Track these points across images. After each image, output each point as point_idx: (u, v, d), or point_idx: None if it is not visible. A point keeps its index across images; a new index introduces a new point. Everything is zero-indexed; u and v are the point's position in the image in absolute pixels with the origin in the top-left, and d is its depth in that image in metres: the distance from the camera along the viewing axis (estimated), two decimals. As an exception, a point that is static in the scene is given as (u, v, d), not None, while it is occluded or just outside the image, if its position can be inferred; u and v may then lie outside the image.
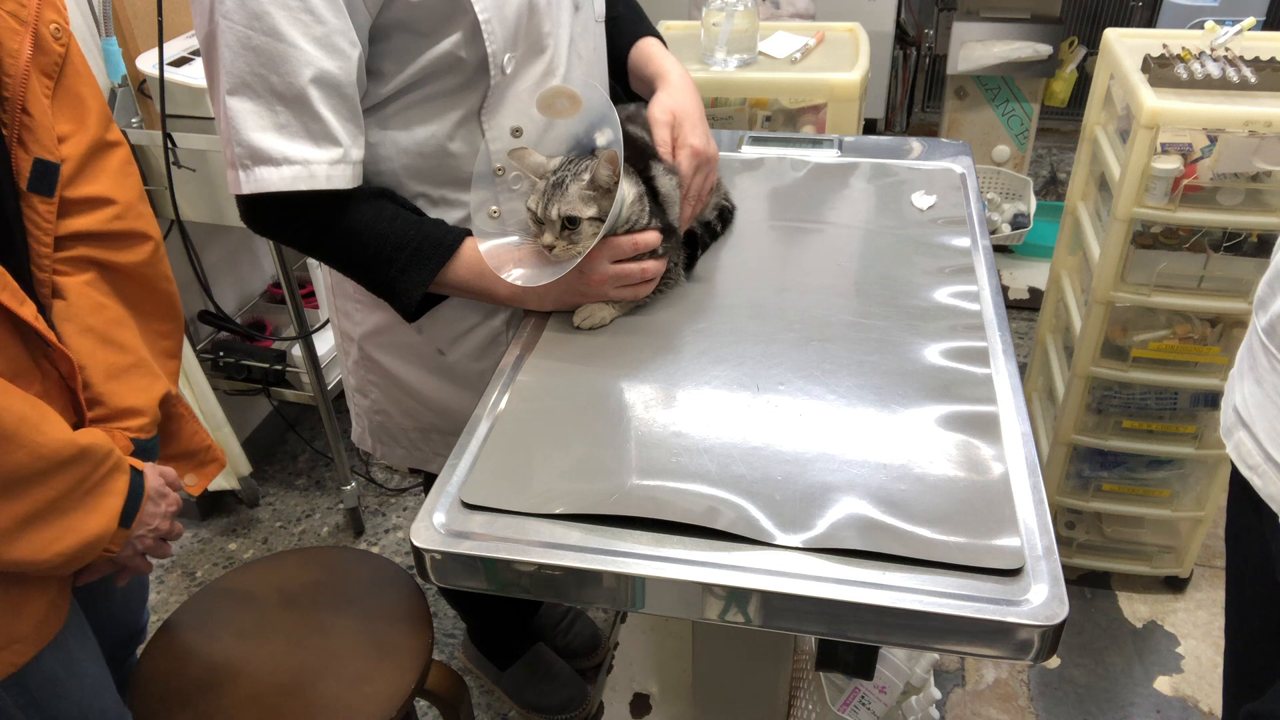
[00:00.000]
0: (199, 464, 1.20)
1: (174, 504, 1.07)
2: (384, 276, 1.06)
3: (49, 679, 1.04)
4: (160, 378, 1.10)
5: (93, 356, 1.02)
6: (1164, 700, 1.79)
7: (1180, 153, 1.53)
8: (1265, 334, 1.00)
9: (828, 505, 0.83)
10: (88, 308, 1.03)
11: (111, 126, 1.05)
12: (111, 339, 1.04)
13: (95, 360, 1.02)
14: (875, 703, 1.36)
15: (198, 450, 1.20)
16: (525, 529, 0.83)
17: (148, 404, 1.07)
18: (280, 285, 1.92)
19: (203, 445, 1.20)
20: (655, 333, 1.07)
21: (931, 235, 1.23)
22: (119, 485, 0.98)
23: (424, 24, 1.00)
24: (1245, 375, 1.04)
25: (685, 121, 1.16)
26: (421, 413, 1.26)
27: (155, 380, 1.09)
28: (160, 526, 1.04)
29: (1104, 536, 2.00)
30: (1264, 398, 1.00)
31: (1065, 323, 1.96)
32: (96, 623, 1.15)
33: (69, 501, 0.92)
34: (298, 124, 0.96)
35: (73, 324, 1.01)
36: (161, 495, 1.05)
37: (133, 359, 1.06)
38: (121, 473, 0.98)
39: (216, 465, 1.22)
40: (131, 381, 1.06)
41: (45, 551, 0.91)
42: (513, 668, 1.81)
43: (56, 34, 0.98)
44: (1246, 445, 1.02)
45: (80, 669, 1.08)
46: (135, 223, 1.07)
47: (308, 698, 1.13)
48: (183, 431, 1.18)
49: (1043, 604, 0.75)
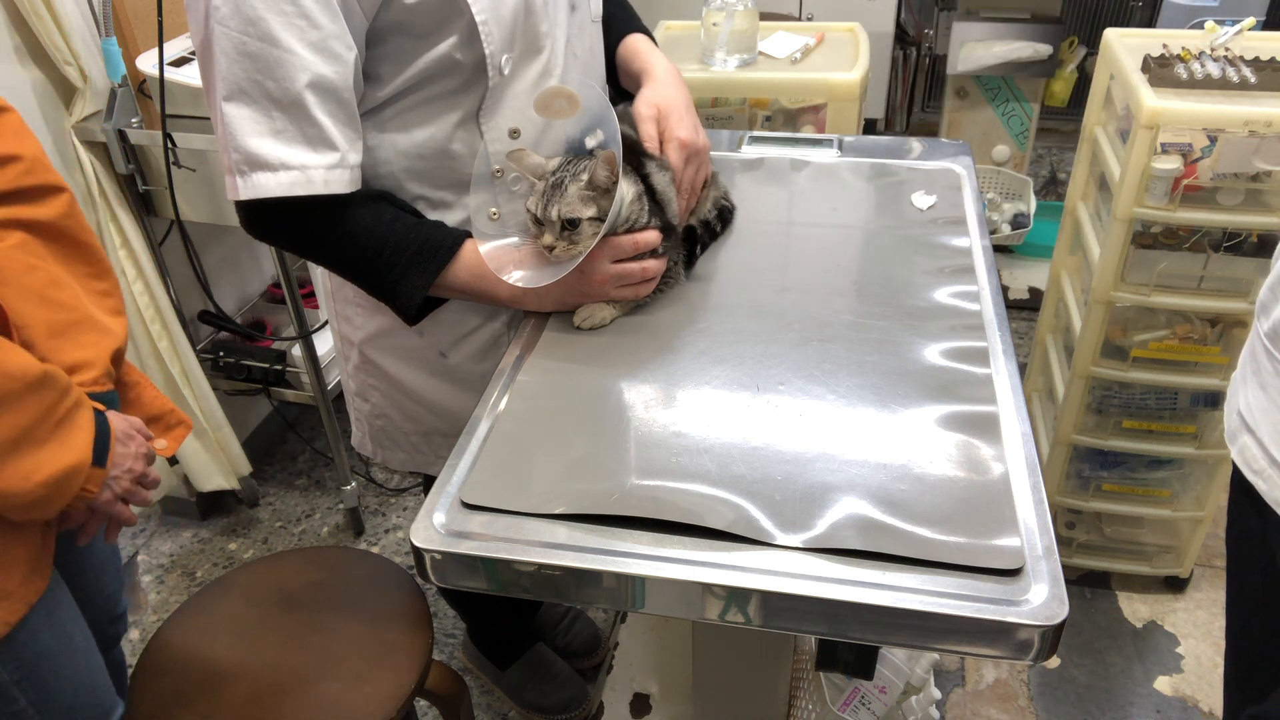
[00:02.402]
0: (166, 427, 1.21)
1: (144, 447, 1.08)
2: (384, 280, 1.06)
3: (42, 651, 1.05)
4: (110, 332, 1.11)
5: (33, 316, 1.03)
6: (1164, 700, 1.79)
7: (1180, 153, 1.53)
8: (1268, 339, 1.00)
9: (828, 505, 0.83)
10: (20, 269, 1.04)
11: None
12: (49, 298, 1.05)
13: (36, 319, 1.03)
14: (875, 703, 1.36)
15: (162, 414, 1.21)
16: (525, 529, 0.83)
17: (96, 357, 1.08)
18: (280, 285, 1.92)
19: (166, 408, 1.22)
20: (655, 333, 1.07)
21: (931, 235, 1.23)
22: (85, 419, 0.99)
23: (421, 26, 0.99)
24: (1249, 380, 1.04)
25: (671, 114, 1.15)
26: (423, 416, 1.26)
27: (104, 335, 1.09)
28: (134, 468, 1.06)
29: (1104, 536, 2.00)
30: (1268, 402, 0.99)
31: (1065, 323, 1.96)
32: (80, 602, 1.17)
33: (42, 431, 0.94)
34: (294, 129, 0.96)
35: (9, 287, 1.02)
36: (129, 437, 1.06)
37: (75, 316, 1.07)
38: (85, 408, 1.00)
39: (184, 428, 1.23)
40: (77, 338, 1.07)
41: (28, 481, 0.93)
42: (513, 668, 1.81)
43: None
44: (1251, 450, 1.02)
45: (72, 643, 1.09)
46: (45, 175, 1.08)
47: (308, 698, 1.13)
48: (143, 397, 1.19)
49: (1043, 604, 0.75)
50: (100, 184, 1.82)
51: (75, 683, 1.10)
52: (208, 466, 2.14)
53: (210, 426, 2.10)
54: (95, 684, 1.13)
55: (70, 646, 1.10)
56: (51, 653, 1.07)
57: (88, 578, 1.26)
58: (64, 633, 1.09)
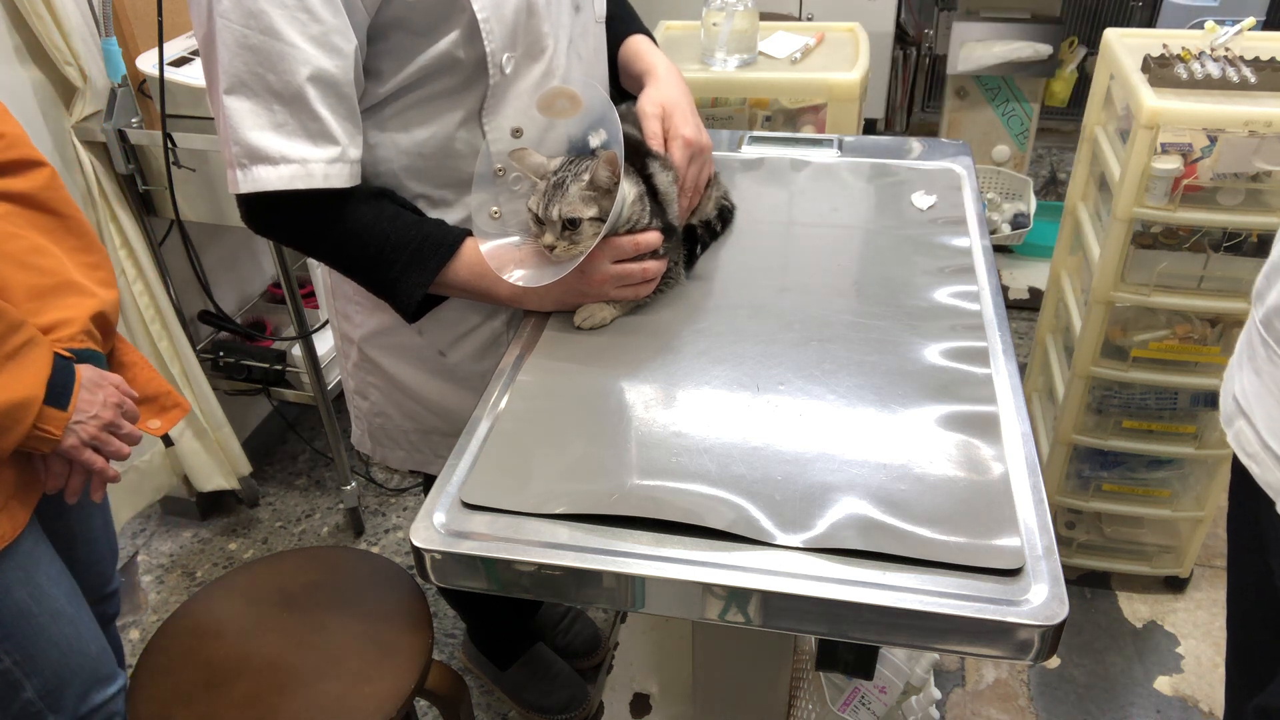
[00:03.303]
0: (161, 408, 1.22)
1: (115, 396, 1.09)
2: (384, 277, 1.06)
3: (20, 610, 1.07)
4: (94, 295, 1.12)
5: (12, 279, 1.05)
6: (1164, 700, 1.79)
7: (1180, 153, 1.53)
8: (1263, 326, 1.01)
9: (828, 505, 0.83)
10: (1, 238, 1.05)
11: None
12: (30, 264, 1.07)
13: (15, 283, 1.05)
14: (875, 703, 1.36)
15: (158, 395, 1.22)
16: (525, 529, 0.83)
17: (76, 316, 1.09)
18: (280, 285, 1.92)
19: (162, 390, 1.22)
20: (655, 333, 1.07)
21: (931, 235, 1.23)
22: (39, 356, 1.00)
23: (422, 23, 1.00)
24: (1244, 365, 1.06)
25: (675, 113, 1.16)
26: (422, 414, 1.26)
27: (86, 297, 1.11)
28: (102, 415, 1.06)
29: (1104, 536, 2.00)
30: (1262, 388, 1.01)
31: (1065, 323, 1.96)
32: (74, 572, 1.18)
33: None
34: (295, 123, 0.96)
35: None
36: (98, 385, 1.07)
37: (56, 280, 1.09)
38: (40, 347, 1.00)
39: (179, 410, 1.24)
40: (56, 300, 1.08)
41: None
42: (513, 668, 1.81)
43: None
44: (1246, 434, 1.04)
45: (54, 604, 1.11)
46: (26, 150, 1.10)
47: (308, 698, 1.13)
48: (139, 378, 1.20)
49: (1043, 604, 0.75)
50: (100, 184, 1.82)
51: (62, 646, 1.11)
52: (208, 466, 2.14)
53: (210, 426, 2.10)
54: (87, 650, 1.14)
55: (52, 609, 1.10)
56: (30, 612, 1.08)
57: (79, 549, 1.27)
58: (43, 593, 1.10)
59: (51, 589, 1.11)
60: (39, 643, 1.09)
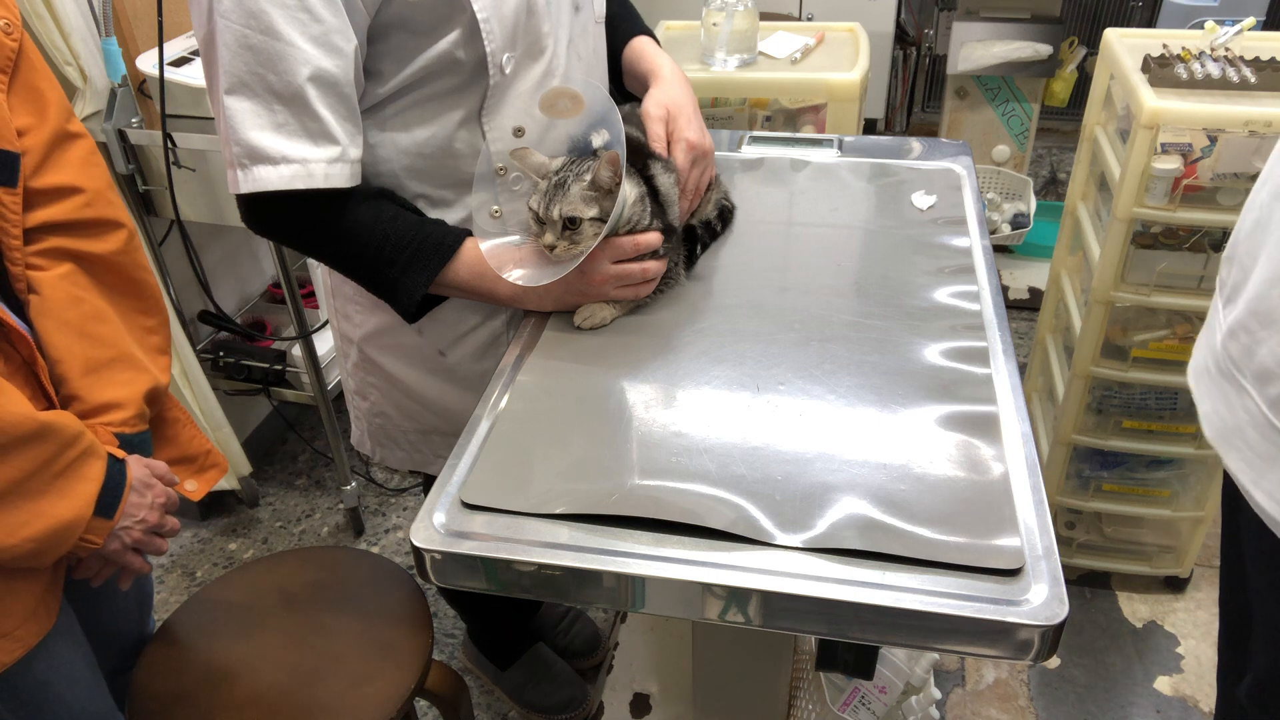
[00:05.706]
0: (199, 469, 1.18)
1: (163, 496, 1.05)
2: (384, 277, 1.06)
3: (39, 681, 1.03)
4: (147, 371, 1.08)
5: (69, 351, 1.01)
6: (1164, 700, 1.79)
7: (1180, 153, 1.53)
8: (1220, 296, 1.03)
9: (828, 505, 0.83)
10: (64, 301, 1.02)
11: (73, 119, 1.06)
12: (89, 333, 1.03)
13: (72, 355, 1.01)
14: (875, 703, 1.36)
15: (197, 455, 1.18)
16: (525, 529, 0.83)
17: (130, 397, 1.05)
18: (280, 285, 1.92)
19: (202, 449, 1.19)
20: (655, 333, 1.07)
21: (931, 235, 1.23)
22: (92, 470, 0.96)
23: (422, 23, 1.00)
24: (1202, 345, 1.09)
25: (679, 115, 1.16)
26: (422, 414, 1.26)
27: (140, 374, 1.07)
28: (148, 519, 1.03)
29: (1104, 536, 2.00)
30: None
31: (1065, 323, 1.96)
32: (99, 631, 1.14)
33: (36, 483, 0.91)
34: (295, 123, 0.96)
35: (50, 319, 1.00)
36: (147, 486, 1.03)
37: (113, 353, 1.05)
38: (95, 458, 0.96)
39: (217, 471, 1.20)
40: (111, 375, 1.04)
41: (13, 536, 0.90)
42: (513, 668, 1.81)
43: (8, 29, 0.98)
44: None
45: (72, 672, 1.07)
46: (105, 210, 1.06)
47: (308, 698, 1.13)
48: (180, 435, 1.16)
49: (1043, 604, 0.75)
50: (100, 184, 1.81)
51: (74, 711, 1.07)
52: (208, 466, 2.14)
53: (210, 426, 2.10)
54: (97, 710, 1.10)
55: (71, 678, 1.07)
56: (49, 683, 1.04)
57: (102, 614, 1.23)
58: (64, 664, 1.06)
59: (70, 655, 1.07)
60: (54, 711, 1.06)
